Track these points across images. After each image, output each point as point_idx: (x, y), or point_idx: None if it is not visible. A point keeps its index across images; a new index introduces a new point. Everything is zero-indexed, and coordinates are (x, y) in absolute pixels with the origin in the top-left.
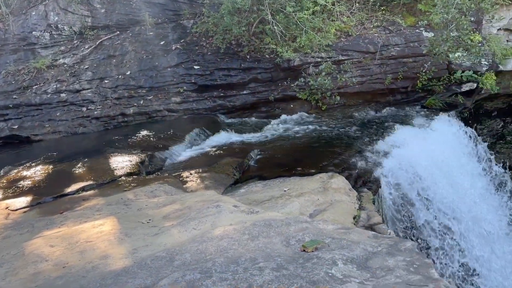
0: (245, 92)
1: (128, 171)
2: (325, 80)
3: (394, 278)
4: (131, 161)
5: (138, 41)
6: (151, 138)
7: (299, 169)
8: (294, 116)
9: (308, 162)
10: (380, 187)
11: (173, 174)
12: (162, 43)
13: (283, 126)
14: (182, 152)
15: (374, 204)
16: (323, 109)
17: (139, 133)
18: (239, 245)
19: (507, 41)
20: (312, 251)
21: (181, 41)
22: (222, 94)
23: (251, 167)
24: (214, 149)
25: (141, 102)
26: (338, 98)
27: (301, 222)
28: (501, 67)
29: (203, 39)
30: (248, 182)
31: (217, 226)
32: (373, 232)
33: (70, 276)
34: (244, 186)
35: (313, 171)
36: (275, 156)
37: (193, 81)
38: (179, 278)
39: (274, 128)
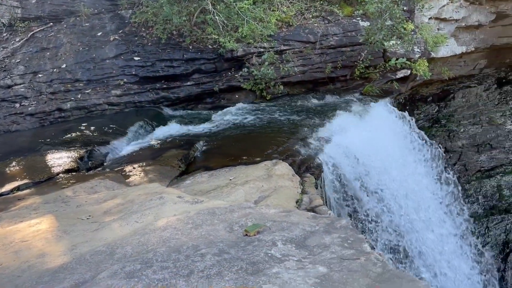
0: (189, 83)
1: (67, 168)
2: (268, 70)
3: (329, 254)
4: (69, 158)
5: (73, 33)
6: (91, 133)
7: (244, 158)
8: (240, 106)
9: (254, 151)
10: (323, 171)
11: (115, 169)
12: (99, 34)
13: (228, 116)
14: (124, 147)
15: (316, 188)
16: (267, 98)
17: (78, 129)
18: (182, 235)
19: (438, 29)
20: (254, 235)
21: (120, 31)
22: (165, 86)
23: (197, 159)
24: (158, 142)
25: (79, 96)
26: (281, 87)
27: (245, 208)
28: (433, 54)
29: (143, 29)
30: (194, 174)
31: (160, 217)
32: (312, 213)
33: (4, 277)
34: (189, 178)
35: (258, 159)
36: (221, 147)
37: (133, 73)
38: (118, 270)
39: (220, 119)
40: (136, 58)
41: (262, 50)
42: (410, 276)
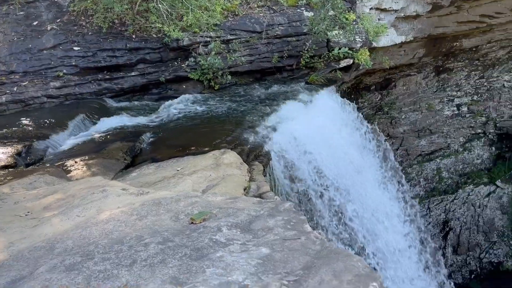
0: (133, 73)
1: (3, 164)
2: (215, 59)
3: (273, 236)
4: (5, 154)
5: (6, 22)
6: (29, 128)
7: (193, 148)
8: (188, 97)
9: (202, 141)
10: (271, 159)
11: (56, 164)
12: (35, 23)
13: (176, 107)
14: (66, 141)
15: (265, 175)
16: (216, 88)
17: (15, 123)
18: (126, 226)
19: (379, 19)
20: (200, 222)
21: (57, 20)
22: (108, 77)
23: (143, 150)
24: (102, 135)
25: (15, 89)
26: (229, 77)
27: (191, 197)
28: (374, 44)
29: (83, 18)
30: (140, 166)
31: (103, 210)
32: (258, 199)
33: None
34: (136, 170)
35: (206, 149)
36: (169, 138)
37: (73, 63)
38: (58, 263)
39: (167, 109)
40: (76, 48)
41: (208, 39)
42: (346, 251)
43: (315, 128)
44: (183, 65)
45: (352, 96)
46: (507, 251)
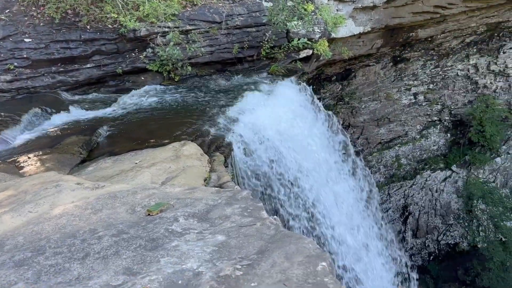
0: (89, 65)
1: None
2: (174, 50)
3: (229, 224)
4: None
5: None
6: None
7: (152, 141)
8: (146, 89)
9: (162, 133)
10: (233, 150)
11: (7, 160)
12: None
13: (134, 99)
14: (18, 136)
15: (226, 166)
16: (176, 80)
17: None
18: (80, 220)
19: (337, 10)
20: (157, 214)
21: (6, 11)
22: (62, 69)
23: (100, 144)
24: (56, 129)
25: None
26: (189, 68)
27: (149, 189)
28: (333, 35)
29: (33, 8)
30: (97, 160)
31: (57, 205)
32: (217, 188)
33: None
34: (92, 164)
35: (166, 141)
36: (127, 131)
37: (25, 56)
38: (6, 260)
39: (125, 102)
40: (27, 40)
41: (166, 29)
42: (298, 235)
43: (276, 117)
44: (141, 56)
45: (314, 87)
46: (463, 233)
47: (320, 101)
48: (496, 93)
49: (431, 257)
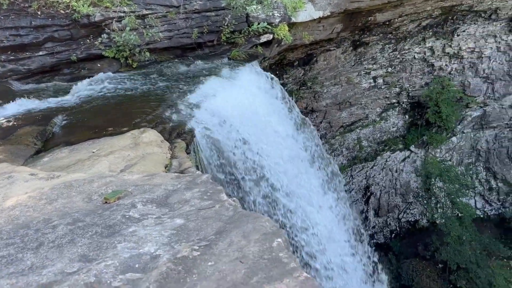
0: (41, 53)
1: None
2: (130, 35)
3: (188, 207)
4: None
5: None
6: None
7: (110, 129)
8: (103, 76)
9: (120, 121)
10: (195, 136)
11: None
12: None
13: (91, 87)
14: None
15: (189, 153)
16: (134, 66)
17: None
18: (34, 211)
19: None
20: (115, 201)
21: None
22: (12, 57)
23: (56, 134)
24: (8, 120)
25: None
26: (148, 54)
27: (106, 177)
28: (293, 19)
29: None
30: (53, 150)
31: (10, 197)
32: (177, 174)
33: None
34: (48, 155)
35: (125, 129)
36: (84, 119)
37: None
38: None
39: (81, 90)
40: None
41: (122, 14)
42: (256, 214)
43: (238, 103)
44: (96, 43)
45: (277, 72)
46: (422, 210)
47: (283, 87)
48: (451, 74)
49: (393, 234)
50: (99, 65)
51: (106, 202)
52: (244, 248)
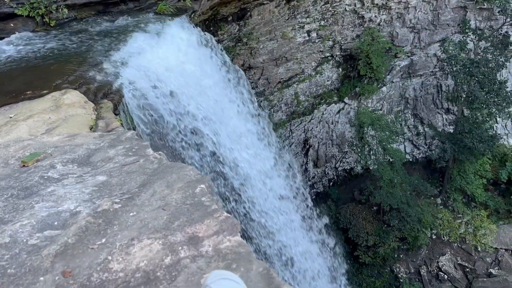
0: None
1: None
2: None
3: (112, 164)
4: None
5: None
6: None
7: (29, 92)
8: (17, 36)
9: (40, 84)
10: (123, 96)
11: None
12: None
13: (4, 49)
14: None
15: (118, 113)
16: (52, 25)
17: None
18: None
19: None
20: (33, 164)
21: None
22: None
23: None
24: None
25: None
26: (66, 11)
27: (23, 141)
28: None
29: None
30: None
31: None
32: (100, 133)
33: None
34: None
35: (45, 92)
36: None
37: None
38: None
39: None
40: None
41: None
42: (180, 164)
43: (168, 59)
44: (6, 0)
45: (211, 28)
46: (357, 158)
47: (218, 44)
48: (380, 26)
49: (331, 183)
50: (12, 24)
51: (24, 166)
52: (167, 197)
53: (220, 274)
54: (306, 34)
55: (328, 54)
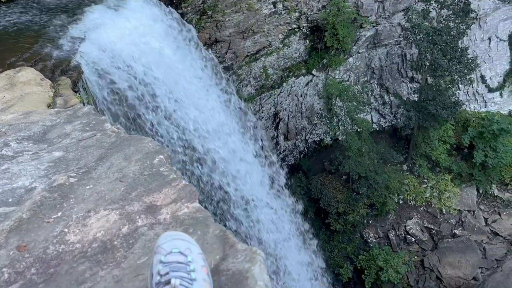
0: None
1: None
2: None
3: (69, 140)
4: None
5: None
6: None
7: None
8: None
9: None
10: (83, 72)
11: None
12: None
13: None
14: None
15: (77, 90)
16: (2, 1)
17: None
18: None
19: None
20: None
21: None
22: None
23: None
24: None
25: None
26: None
27: None
28: None
29: None
30: None
31: None
32: (56, 109)
33: None
34: None
35: None
36: None
37: None
38: None
39: None
40: None
41: None
42: (138, 136)
43: (127, 32)
44: None
45: (174, 1)
46: (326, 130)
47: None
48: None
49: (302, 155)
50: None
51: None
52: (124, 169)
53: (172, 235)
54: (272, 6)
55: (295, 26)
